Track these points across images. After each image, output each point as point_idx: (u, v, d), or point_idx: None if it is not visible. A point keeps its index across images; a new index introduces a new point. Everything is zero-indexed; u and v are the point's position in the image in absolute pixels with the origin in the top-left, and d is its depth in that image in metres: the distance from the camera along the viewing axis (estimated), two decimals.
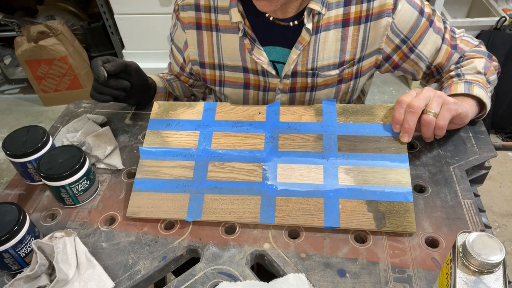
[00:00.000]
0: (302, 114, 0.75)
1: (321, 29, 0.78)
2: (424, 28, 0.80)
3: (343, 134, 0.72)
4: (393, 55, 0.82)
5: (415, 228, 0.62)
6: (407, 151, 0.68)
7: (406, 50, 0.81)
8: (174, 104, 0.80)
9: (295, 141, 0.72)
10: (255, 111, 0.77)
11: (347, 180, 0.67)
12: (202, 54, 0.87)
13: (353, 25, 0.78)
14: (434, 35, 0.81)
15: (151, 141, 0.76)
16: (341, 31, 0.78)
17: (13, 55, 2.64)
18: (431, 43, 0.81)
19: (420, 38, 0.80)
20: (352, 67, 0.83)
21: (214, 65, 0.88)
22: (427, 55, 0.83)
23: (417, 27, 0.79)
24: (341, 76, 0.83)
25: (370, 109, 0.74)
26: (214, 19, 0.83)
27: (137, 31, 2.15)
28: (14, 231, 0.58)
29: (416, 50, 0.81)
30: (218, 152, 0.72)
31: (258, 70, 0.84)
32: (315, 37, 0.78)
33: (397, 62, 0.84)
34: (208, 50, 0.86)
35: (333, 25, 0.78)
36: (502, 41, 1.86)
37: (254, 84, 0.87)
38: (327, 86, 0.85)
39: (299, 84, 0.85)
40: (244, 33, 0.79)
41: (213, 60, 0.87)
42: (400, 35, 0.79)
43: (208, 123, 0.76)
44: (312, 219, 0.64)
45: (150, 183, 0.70)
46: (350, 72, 0.83)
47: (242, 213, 0.66)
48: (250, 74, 0.86)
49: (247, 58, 0.83)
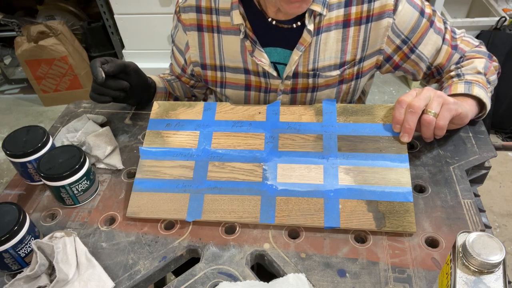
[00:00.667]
0: (302, 114, 0.75)
1: (322, 30, 0.78)
2: (425, 28, 0.80)
3: (343, 134, 0.72)
4: (394, 56, 0.82)
5: (415, 228, 0.62)
6: (407, 151, 0.68)
7: (406, 50, 0.81)
8: (174, 104, 0.80)
9: (295, 141, 0.72)
10: (255, 110, 0.77)
11: (347, 180, 0.67)
12: (204, 56, 0.87)
13: (354, 26, 0.78)
14: (434, 36, 0.81)
15: (151, 141, 0.76)
16: (342, 32, 0.78)
17: (13, 55, 2.64)
18: (432, 44, 0.81)
19: (420, 38, 0.80)
20: (353, 67, 0.83)
21: (215, 67, 0.88)
22: (427, 55, 0.83)
23: (418, 27, 0.79)
24: (342, 76, 0.83)
25: (370, 109, 0.74)
26: (215, 21, 0.83)
27: (137, 31, 2.15)
28: (14, 231, 0.58)
29: (416, 50, 0.81)
30: (218, 152, 0.72)
31: (259, 72, 0.84)
32: (316, 38, 0.78)
33: (398, 62, 0.84)
34: (210, 51, 0.86)
35: (334, 26, 0.78)
36: (502, 41, 1.86)
37: (256, 85, 0.87)
38: (328, 86, 0.85)
39: (300, 85, 0.85)
40: (245, 35, 0.79)
41: (215, 61, 0.87)
42: (401, 35, 0.79)
43: (208, 123, 0.76)
44: (312, 219, 0.64)
45: (150, 183, 0.70)
46: (351, 73, 0.83)
47: (242, 213, 0.66)
48: (251, 76, 0.86)
49: (248, 60, 0.83)
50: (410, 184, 0.66)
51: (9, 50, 2.71)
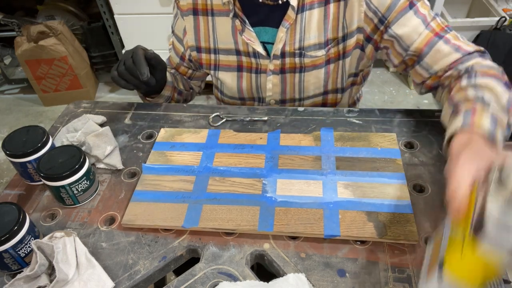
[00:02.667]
0: (301, 140, 0.79)
1: (306, 7, 0.80)
2: (402, 8, 0.76)
3: (341, 155, 0.75)
4: (374, 36, 0.82)
5: (418, 237, 0.61)
6: (403, 170, 0.71)
7: (383, 29, 0.80)
8: (180, 130, 0.84)
9: (294, 161, 0.75)
10: (257, 136, 0.81)
11: (346, 194, 0.68)
12: (199, 39, 0.91)
13: (333, 3, 0.80)
14: (415, 19, 0.77)
15: (154, 159, 0.78)
16: (324, 10, 0.81)
17: (13, 55, 2.64)
18: (411, 26, 0.77)
19: (395, 18, 0.77)
20: (338, 45, 0.84)
21: (209, 50, 0.92)
22: (403, 37, 0.78)
23: (395, 6, 0.76)
24: (328, 56, 0.85)
25: (366, 136, 0.78)
26: (209, 4, 0.87)
27: (137, 31, 2.15)
28: (14, 231, 0.58)
29: (390, 30, 0.78)
30: (219, 169, 0.74)
31: (249, 52, 0.88)
32: (301, 16, 0.81)
33: (378, 43, 0.83)
34: (204, 34, 0.90)
35: (316, 4, 0.80)
36: (502, 41, 1.86)
37: (247, 66, 0.91)
38: (315, 67, 0.87)
39: (288, 65, 0.87)
40: (234, 13, 0.83)
41: (209, 44, 0.91)
42: (378, 13, 0.78)
43: (211, 145, 0.80)
44: (312, 227, 0.63)
45: (149, 194, 0.71)
46: (336, 52, 0.85)
47: (240, 221, 0.65)
48: (242, 57, 0.89)
49: (239, 40, 0.87)
50: (409, 198, 0.66)
51: (9, 50, 2.70)
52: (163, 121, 0.88)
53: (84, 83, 2.38)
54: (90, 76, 2.45)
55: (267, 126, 0.84)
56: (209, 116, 0.88)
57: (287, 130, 0.82)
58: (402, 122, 0.82)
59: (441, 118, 0.72)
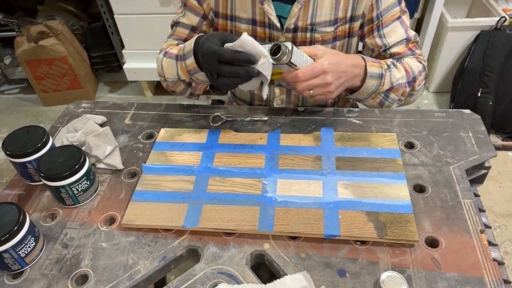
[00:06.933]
0: (302, 140, 0.79)
1: None
2: (395, 15, 0.86)
3: (341, 155, 0.75)
4: (365, 26, 0.89)
5: (418, 237, 0.61)
6: (403, 170, 0.71)
7: (375, 26, 0.88)
8: (180, 130, 0.84)
9: (294, 161, 0.75)
10: (257, 136, 0.81)
11: (346, 194, 0.68)
12: (218, 4, 0.92)
13: None
14: (401, 29, 0.87)
15: (154, 159, 0.78)
16: None
17: (13, 55, 2.64)
18: (398, 34, 0.88)
19: (389, 22, 0.87)
20: (345, 24, 0.89)
21: (226, 16, 0.92)
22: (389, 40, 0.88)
23: (391, 9, 0.86)
24: (336, 33, 0.89)
25: (366, 136, 0.79)
26: None
27: (137, 31, 2.15)
28: (14, 231, 0.58)
29: (381, 31, 0.88)
30: (219, 169, 0.75)
31: (265, 23, 0.89)
32: None
33: (365, 34, 0.90)
34: (223, 0, 0.91)
35: None
36: (502, 41, 1.85)
37: (260, 36, 0.92)
38: (324, 42, 0.91)
39: (299, 39, 0.90)
40: None
41: (226, 10, 0.92)
42: (379, 8, 0.86)
43: (211, 145, 0.80)
44: (312, 227, 0.64)
45: (149, 194, 0.71)
46: (343, 30, 0.89)
47: (240, 221, 0.65)
48: (257, 27, 0.91)
49: (257, 10, 0.88)
50: (409, 198, 0.66)
51: (9, 50, 2.70)
52: (163, 121, 0.89)
53: (84, 83, 2.38)
54: (90, 76, 2.45)
55: (267, 126, 0.84)
56: (209, 116, 0.88)
57: (287, 130, 0.83)
58: (402, 122, 0.83)
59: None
